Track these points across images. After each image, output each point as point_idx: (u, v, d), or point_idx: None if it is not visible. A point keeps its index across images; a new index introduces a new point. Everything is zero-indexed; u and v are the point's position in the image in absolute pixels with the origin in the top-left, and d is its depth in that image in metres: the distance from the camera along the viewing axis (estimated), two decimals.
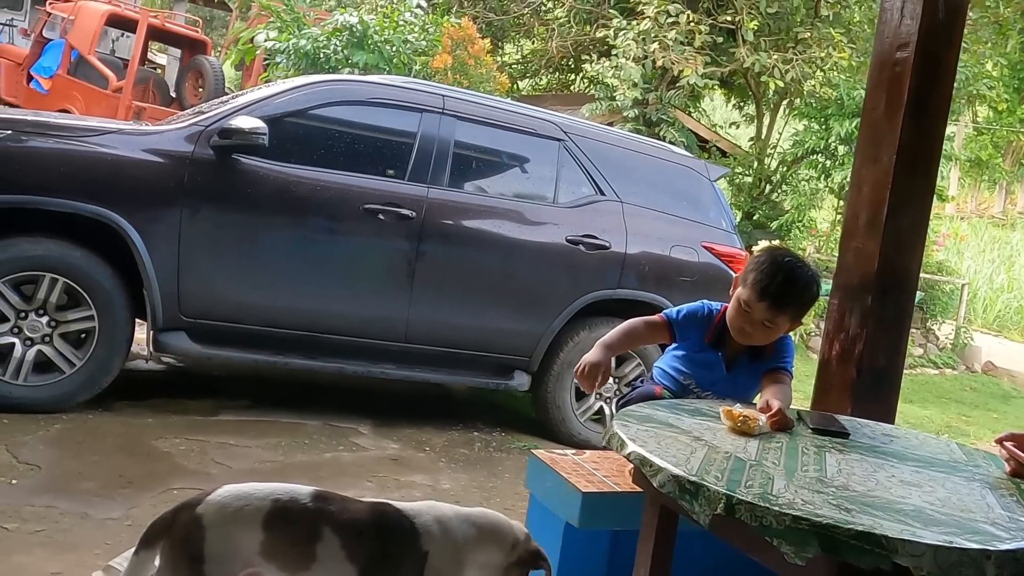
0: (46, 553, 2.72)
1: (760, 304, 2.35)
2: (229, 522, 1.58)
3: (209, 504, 1.60)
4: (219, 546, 1.56)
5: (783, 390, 2.32)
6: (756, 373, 2.48)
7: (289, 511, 1.63)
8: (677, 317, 2.57)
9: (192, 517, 1.57)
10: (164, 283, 4.15)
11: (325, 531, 1.63)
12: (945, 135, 2.83)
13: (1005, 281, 18.19)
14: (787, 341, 2.52)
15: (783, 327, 2.40)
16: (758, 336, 2.41)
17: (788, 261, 2.41)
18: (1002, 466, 1.84)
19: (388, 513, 1.73)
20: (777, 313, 2.35)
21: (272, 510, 1.61)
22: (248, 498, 1.62)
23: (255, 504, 1.61)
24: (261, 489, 1.65)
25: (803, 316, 2.46)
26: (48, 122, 4.28)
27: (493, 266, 4.84)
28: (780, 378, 2.40)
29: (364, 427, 4.64)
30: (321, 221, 4.49)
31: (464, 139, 4.91)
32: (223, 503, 1.60)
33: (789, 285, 2.35)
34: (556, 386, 4.97)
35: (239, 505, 1.60)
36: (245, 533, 1.59)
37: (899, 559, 1.31)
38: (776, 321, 2.37)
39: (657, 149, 5.80)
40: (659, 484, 1.55)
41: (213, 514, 1.58)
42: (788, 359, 2.49)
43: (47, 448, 3.62)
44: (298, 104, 4.57)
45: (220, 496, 1.62)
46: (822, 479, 1.59)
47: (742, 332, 2.42)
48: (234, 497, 1.62)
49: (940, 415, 9.09)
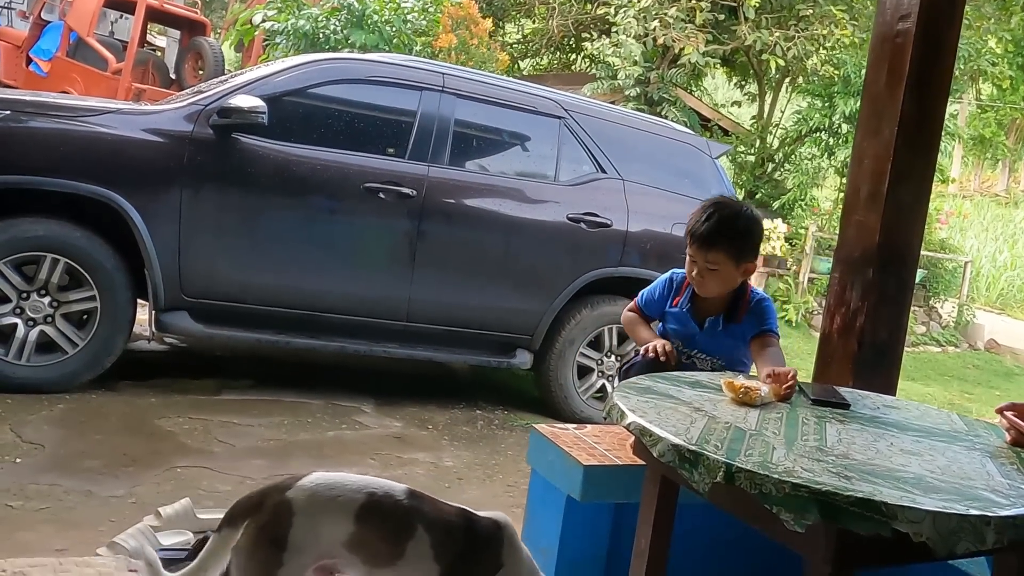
0: (51, 530, 2.74)
1: (693, 247, 2.51)
2: (319, 510, 1.56)
3: (300, 490, 1.57)
4: (303, 533, 1.54)
5: (776, 354, 2.38)
6: (735, 334, 2.59)
7: (383, 506, 1.62)
8: (642, 301, 2.83)
9: (282, 501, 1.55)
10: (165, 263, 4.16)
11: (418, 529, 1.62)
12: (947, 109, 2.82)
13: (1008, 259, 18.15)
14: (767, 304, 2.62)
15: (727, 267, 2.50)
16: (711, 283, 2.54)
17: (713, 203, 2.57)
18: (1003, 436, 1.84)
19: (476, 519, 1.73)
20: (710, 251, 2.48)
21: (366, 503, 1.60)
22: (341, 488, 1.60)
23: (348, 495, 1.59)
24: (355, 480, 1.63)
25: (747, 254, 2.54)
26: (47, 102, 4.27)
27: (494, 244, 4.84)
28: (768, 341, 2.48)
29: (367, 406, 4.65)
30: (321, 200, 4.48)
31: (464, 117, 4.90)
32: (315, 491, 1.58)
33: (714, 223, 2.48)
34: (558, 364, 4.98)
35: (332, 495, 1.58)
36: (334, 523, 1.57)
37: (899, 525, 1.31)
38: (715, 260, 2.49)
39: (658, 126, 5.78)
40: (659, 454, 1.55)
41: (304, 500, 1.56)
42: (770, 320, 2.56)
43: (51, 428, 3.63)
44: (297, 83, 4.55)
45: (311, 483, 1.59)
46: (822, 448, 1.59)
47: (698, 285, 2.56)
48: (326, 486, 1.59)
49: (942, 392, 9.10)
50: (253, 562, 1.53)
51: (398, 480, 3.60)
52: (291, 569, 1.53)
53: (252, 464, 3.53)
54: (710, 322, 2.62)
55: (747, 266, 2.54)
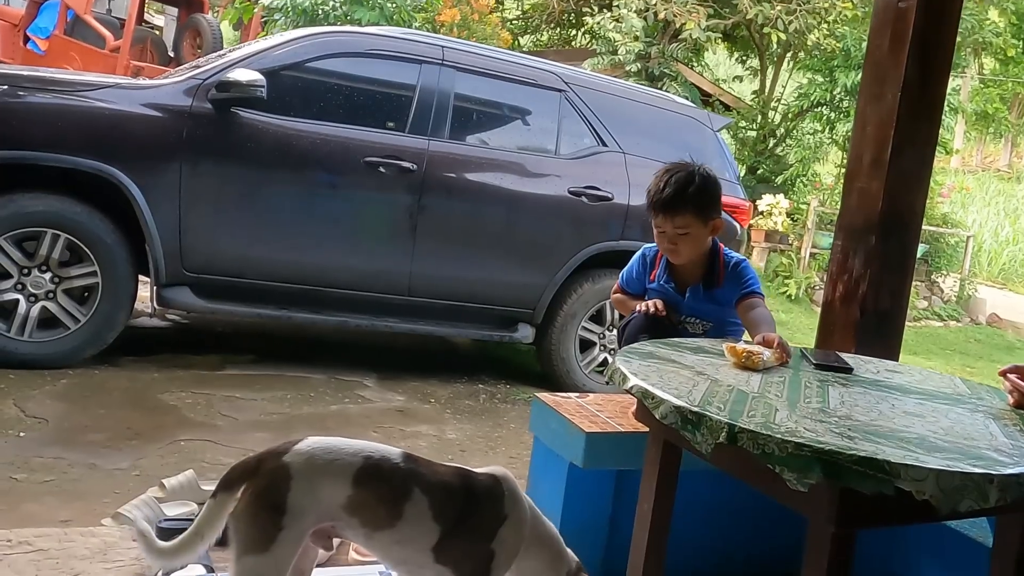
0: (56, 501, 2.75)
1: (660, 217, 2.51)
2: (317, 474, 1.57)
3: (297, 454, 1.58)
4: (302, 497, 1.54)
5: (764, 315, 2.39)
6: (718, 299, 2.61)
7: (381, 469, 1.62)
8: (622, 281, 2.86)
9: (279, 465, 1.55)
10: (166, 238, 4.15)
11: (416, 491, 1.63)
12: (950, 77, 2.80)
13: (1010, 234, 18.11)
14: (745, 265, 2.64)
15: (697, 228, 2.51)
16: (684, 248, 2.54)
17: (665, 170, 2.55)
18: (1005, 399, 1.84)
19: (475, 478, 1.74)
20: (676, 215, 2.48)
21: (364, 466, 1.60)
22: (338, 452, 1.60)
23: (346, 459, 1.60)
24: (351, 444, 1.64)
25: (712, 211, 2.55)
26: (45, 77, 4.25)
27: (495, 219, 4.82)
28: (754, 303, 2.50)
29: (369, 380, 4.65)
30: (322, 175, 4.47)
31: (464, 91, 4.87)
32: (312, 454, 1.58)
33: (673, 187, 2.47)
34: (560, 338, 4.98)
35: (329, 458, 1.59)
36: (332, 486, 1.57)
37: (902, 484, 1.31)
38: (683, 224, 2.49)
39: (659, 99, 5.75)
40: (661, 416, 1.55)
41: (301, 464, 1.56)
42: (751, 281, 2.58)
43: (54, 402, 3.64)
44: (296, 56, 4.52)
45: (308, 447, 1.59)
46: (825, 410, 1.59)
47: (672, 253, 2.57)
48: (323, 450, 1.60)
49: (944, 366, 9.11)
50: (253, 527, 1.53)
51: None
52: (291, 533, 1.53)
53: (255, 437, 3.54)
54: (691, 291, 2.65)
55: (715, 223, 2.56)
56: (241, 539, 1.53)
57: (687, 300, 2.65)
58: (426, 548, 1.64)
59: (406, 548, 1.65)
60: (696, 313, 2.65)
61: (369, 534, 1.62)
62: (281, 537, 1.52)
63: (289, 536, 1.53)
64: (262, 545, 1.51)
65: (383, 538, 1.63)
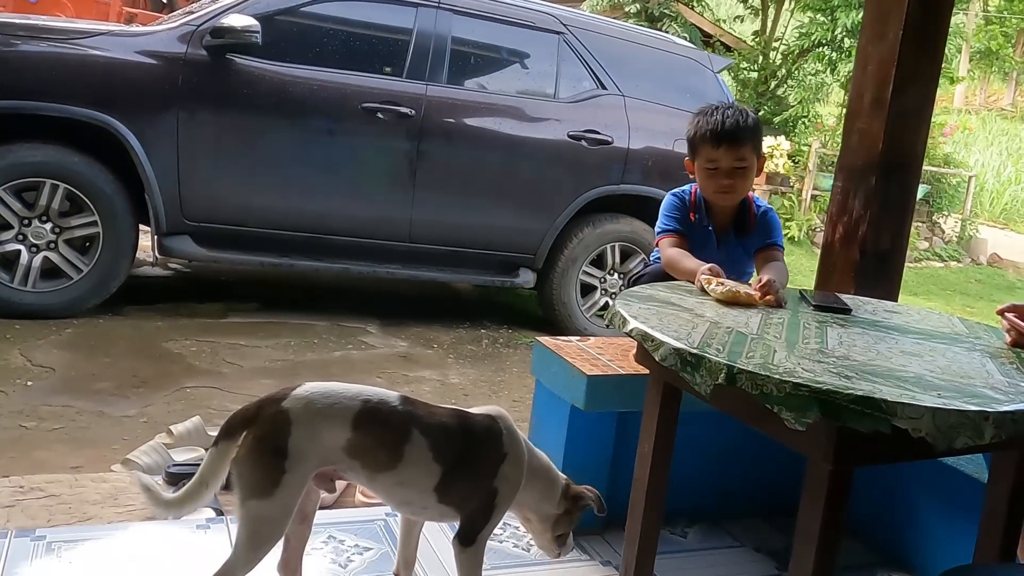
0: (66, 449, 2.79)
1: (721, 150, 2.37)
2: (317, 418, 1.58)
3: (296, 399, 1.59)
4: (303, 441, 1.56)
5: (778, 267, 2.34)
6: (745, 247, 2.50)
7: (379, 412, 1.64)
8: (674, 225, 2.47)
9: (279, 411, 1.57)
10: (165, 187, 4.14)
11: (414, 432, 1.65)
12: (953, 9, 2.76)
13: (1013, 174, 18.02)
14: (772, 215, 2.53)
15: (752, 163, 2.41)
16: (741, 184, 2.42)
17: (713, 106, 2.43)
18: (1003, 337, 1.85)
19: (472, 417, 1.76)
20: (740, 148, 2.37)
21: (363, 410, 1.62)
22: (337, 396, 1.62)
23: (345, 403, 1.62)
24: (349, 388, 1.66)
25: (761, 147, 2.46)
26: (38, 25, 4.20)
27: (495, 164, 4.81)
28: (773, 255, 2.42)
29: (372, 327, 4.68)
30: (319, 121, 4.44)
31: (461, 34, 4.82)
32: (311, 399, 1.60)
33: (733, 121, 2.36)
34: (561, 282, 5.00)
35: (328, 403, 1.60)
36: (332, 430, 1.59)
37: (898, 422, 1.33)
38: (743, 156, 2.38)
39: (659, 40, 5.68)
40: (661, 358, 1.57)
41: (300, 409, 1.58)
42: (776, 233, 2.49)
43: (60, 351, 3.67)
44: (290, 1, 4.46)
45: (307, 392, 1.61)
46: (823, 351, 1.61)
47: (723, 191, 2.42)
48: (322, 395, 1.61)
49: (944, 307, 9.14)
50: (256, 472, 1.55)
51: None
52: (294, 476, 1.56)
53: (260, 384, 3.57)
54: (724, 238, 2.53)
55: (761, 162, 2.46)
56: (245, 484, 1.56)
57: (720, 249, 2.51)
58: (428, 489, 1.67)
59: (408, 489, 1.68)
60: (725, 261, 2.41)
61: (371, 476, 1.65)
62: (284, 480, 1.54)
63: (292, 479, 1.55)
64: (266, 489, 1.54)
65: (385, 480, 1.65)
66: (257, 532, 1.57)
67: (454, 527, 1.74)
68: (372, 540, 2.14)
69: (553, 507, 1.85)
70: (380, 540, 2.14)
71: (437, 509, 1.71)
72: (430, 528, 2.11)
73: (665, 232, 2.48)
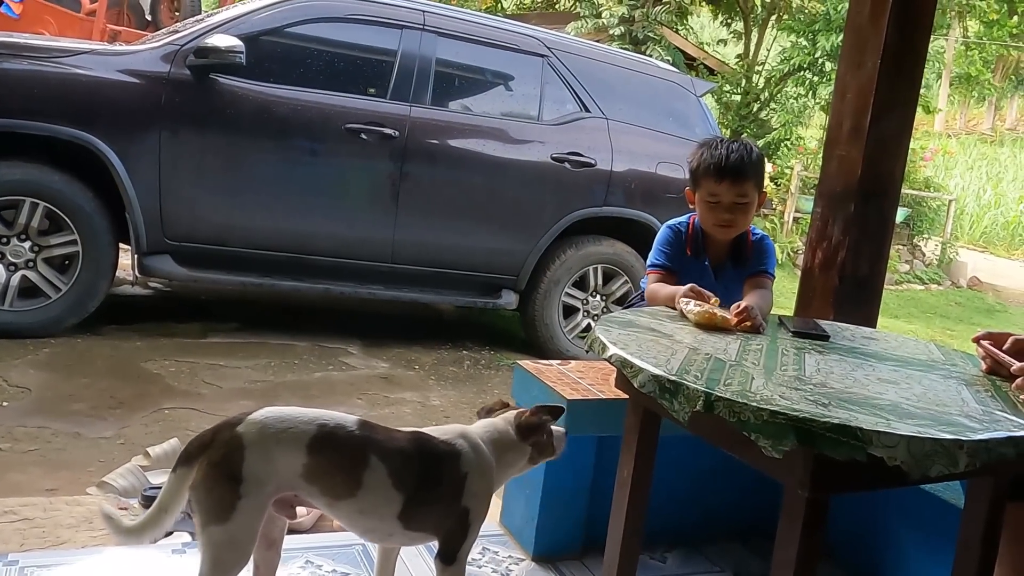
0: (40, 471, 2.76)
1: (723, 185, 2.34)
2: (271, 442, 1.57)
3: (250, 424, 1.58)
4: (257, 466, 1.54)
5: (762, 294, 2.31)
6: (741, 278, 2.45)
7: (336, 437, 1.62)
8: (663, 260, 2.45)
9: (232, 436, 1.56)
10: (146, 206, 4.13)
11: (372, 459, 1.63)
12: (930, 40, 2.80)
13: (992, 198, 18.23)
14: (767, 242, 2.50)
15: (753, 199, 2.38)
16: (739, 220, 2.39)
17: (719, 139, 2.41)
18: (979, 365, 1.86)
19: (430, 441, 1.73)
20: (743, 184, 2.34)
21: (318, 435, 1.60)
22: (292, 421, 1.60)
23: (300, 427, 1.60)
24: (305, 413, 1.64)
25: (763, 182, 2.44)
26: (20, 43, 4.18)
27: (478, 185, 4.82)
28: (761, 282, 2.39)
29: (353, 347, 4.67)
30: (302, 141, 4.45)
31: (446, 56, 4.84)
32: (265, 424, 1.58)
33: (737, 155, 2.34)
34: (543, 304, 5.00)
35: (283, 427, 1.59)
36: (287, 455, 1.57)
37: (874, 450, 1.33)
38: (745, 192, 2.35)
39: (642, 64, 5.73)
40: (640, 385, 1.57)
41: (254, 434, 1.56)
42: (769, 261, 2.47)
43: (37, 372, 3.63)
44: (275, 22, 4.48)
45: (262, 416, 1.60)
46: (800, 378, 1.61)
47: (723, 225, 2.38)
48: (277, 419, 1.60)
49: (925, 329, 9.21)
50: (211, 497, 1.54)
51: (386, 419, 3.64)
52: (250, 502, 1.54)
53: (239, 405, 3.54)
54: (722, 270, 2.50)
55: (762, 196, 2.43)
56: (202, 510, 1.54)
57: (717, 282, 2.46)
58: (391, 517, 1.65)
59: (370, 518, 1.66)
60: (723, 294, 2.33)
61: (331, 503, 1.63)
62: (240, 506, 1.53)
63: (248, 504, 1.54)
64: (223, 515, 1.53)
65: (346, 508, 1.63)
66: (219, 558, 1.55)
67: (433, 546, 1.73)
68: (350, 565, 2.12)
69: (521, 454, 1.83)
70: (358, 565, 2.12)
71: (405, 536, 1.69)
72: (409, 551, 2.10)
73: (653, 267, 2.46)
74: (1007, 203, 18.17)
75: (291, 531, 2.16)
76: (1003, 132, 27.48)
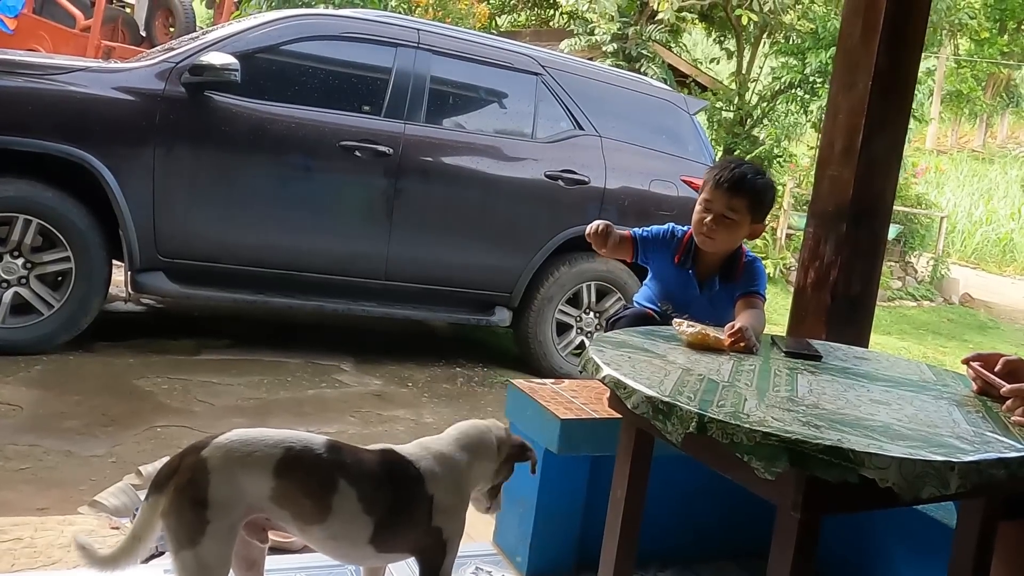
0: (32, 489, 2.75)
1: (717, 192, 2.42)
2: (236, 466, 1.55)
3: (215, 448, 1.56)
4: (223, 490, 1.53)
5: (755, 314, 2.33)
6: (730, 296, 2.49)
7: (303, 460, 1.60)
8: (643, 234, 2.63)
9: (197, 460, 1.54)
10: (140, 223, 4.13)
11: (341, 483, 1.61)
12: (921, 60, 2.83)
13: (983, 214, 18.33)
14: (759, 265, 2.54)
15: (743, 220, 2.43)
16: (721, 235, 2.44)
17: (737, 158, 2.50)
18: (969, 385, 1.87)
19: (397, 462, 1.71)
20: (734, 198, 2.40)
21: (284, 457, 1.58)
22: (257, 444, 1.58)
23: (265, 450, 1.57)
24: (271, 435, 1.62)
25: (761, 213, 2.49)
26: (14, 60, 4.18)
27: (472, 202, 4.83)
28: (753, 302, 2.41)
29: (346, 364, 4.66)
30: (297, 159, 4.46)
31: (440, 74, 4.86)
32: (230, 447, 1.56)
33: (741, 172, 2.42)
34: (537, 321, 5.00)
35: (247, 450, 1.57)
36: (253, 479, 1.56)
37: (865, 472, 1.34)
38: (735, 208, 2.41)
39: (635, 83, 5.76)
40: (633, 406, 1.57)
41: (219, 458, 1.55)
42: (760, 282, 2.50)
43: (29, 389, 3.62)
44: (270, 39, 4.49)
45: (227, 440, 1.58)
46: (793, 399, 1.62)
47: (708, 233, 2.44)
48: (242, 442, 1.58)
49: (917, 346, 9.23)
50: (180, 523, 1.52)
51: (379, 437, 3.64)
52: (218, 525, 1.53)
53: (232, 423, 3.52)
54: (707, 283, 2.55)
55: (756, 227, 2.49)
56: (173, 536, 1.53)
57: (701, 295, 2.54)
58: (362, 542, 1.63)
59: (342, 543, 1.65)
60: (700, 313, 2.43)
61: (302, 528, 1.61)
62: (209, 530, 1.51)
63: (218, 528, 1.53)
64: (192, 540, 1.52)
65: (317, 533, 1.62)
66: None
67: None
68: None
69: (492, 460, 1.84)
70: None
71: (380, 559, 1.68)
72: (399, 567, 2.09)
73: (633, 232, 2.64)
74: (998, 220, 18.27)
75: (281, 551, 2.16)
76: (994, 149, 27.64)
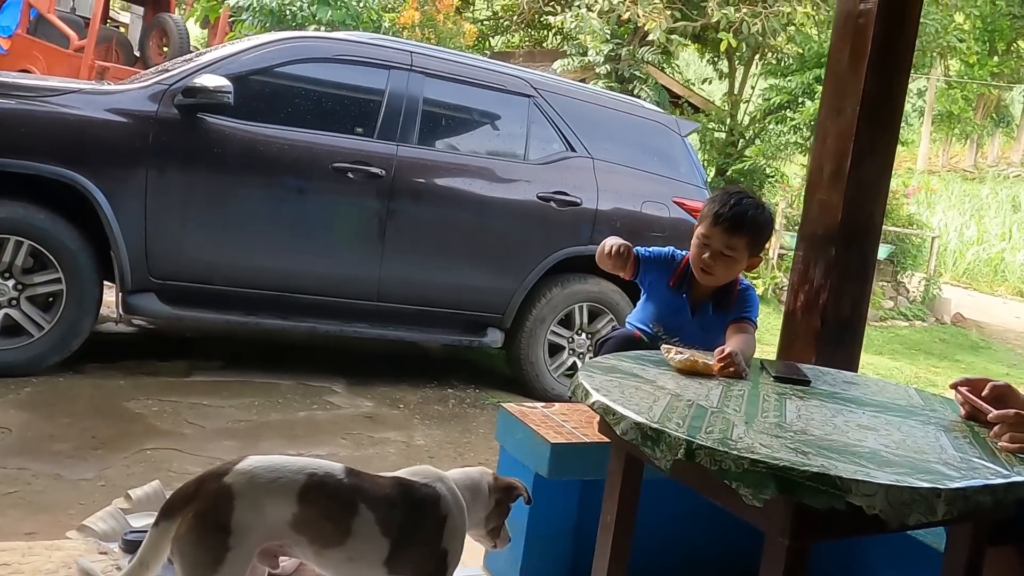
0: (20, 514, 2.73)
1: (716, 230, 2.41)
2: (261, 493, 1.56)
3: (239, 474, 1.57)
4: (247, 517, 1.54)
5: (745, 339, 2.34)
6: (722, 322, 2.49)
7: (326, 485, 1.62)
8: (646, 254, 2.62)
9: (220, 487, 1.54)
10: (131, 244, 4.12)
11: (361, 506, 1.64)
12: (915, 86, 2.85)
13: (975, 234, 18.43)
14: (751, 292, 2.55)
15: (742, 256, 2.44)
16: (720, 269, 2.44)
17: (739, 191, 2.49)
18: (957, 410, 1.88)
19: (412, 485, 1.75)
20: (732, 236, 2.40)
21: (308, 483, 1.60)
22: (281, 470, 1.60)
23: (289, 476, 1.59)
24: (294, 462, 1.64)
25: (760, 247, 2.50)
26: (7, 82, 4.19)
27: (464, 224, 4.84)
28: (744, 328, 2.42)
29: (338, 386, 4.65)
30: (290, 180, 4.46)
31: (433, 96, 4.89)
32: (255, 474, 1.57)
33: (742, 209, 2.41)
34: (529, 342, 5.01)
35: (272, 476, 1.58)
36: (277, 505, 1.57)
37: (852, 499, 1.34)
38: (734, 246, 2.41)
39: (627, 105, 5.79)
40: (622, 432, 1.58)
41: (244, 484, 1.55)
42: (752, 309, 2.51)
43: (18, 411, 3.60)
44: (263, 62, 4.51)
45: (250, 466, 1.59)
46: (781, 424, 1.62)
47: (705, 267, 2.45)
48: (266, 469, 1.59)
49: (909, 366, 9.24)
50: (199, 550, 1.52)
51: (370, 459, 3.63)
52: (238, 553, 1.53)
53: (223, 445, 3.52)
54: (700, 308, 2.56)
55: (754, 260, 2.50)
56: (187, 563, 1.52)
57: (693, 320, 2.55)
58: (377, 563, 1.65)
59: (358, 565, 1.66)
60: (691, 338, 2.47)
61: (319, 552, 1.62)
62: (229, 558, 1.51)
63: (237, 556, 1.53)
64: (211, 567, 1.51)
65: (334, 556, 1.63)
66: None
67: None
68: None
69: (484, 508, 1.87)
70: None
71: None
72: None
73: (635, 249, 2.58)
74: (989, 239, 18.38)
75: None
76: (984, 169, 27.82)
